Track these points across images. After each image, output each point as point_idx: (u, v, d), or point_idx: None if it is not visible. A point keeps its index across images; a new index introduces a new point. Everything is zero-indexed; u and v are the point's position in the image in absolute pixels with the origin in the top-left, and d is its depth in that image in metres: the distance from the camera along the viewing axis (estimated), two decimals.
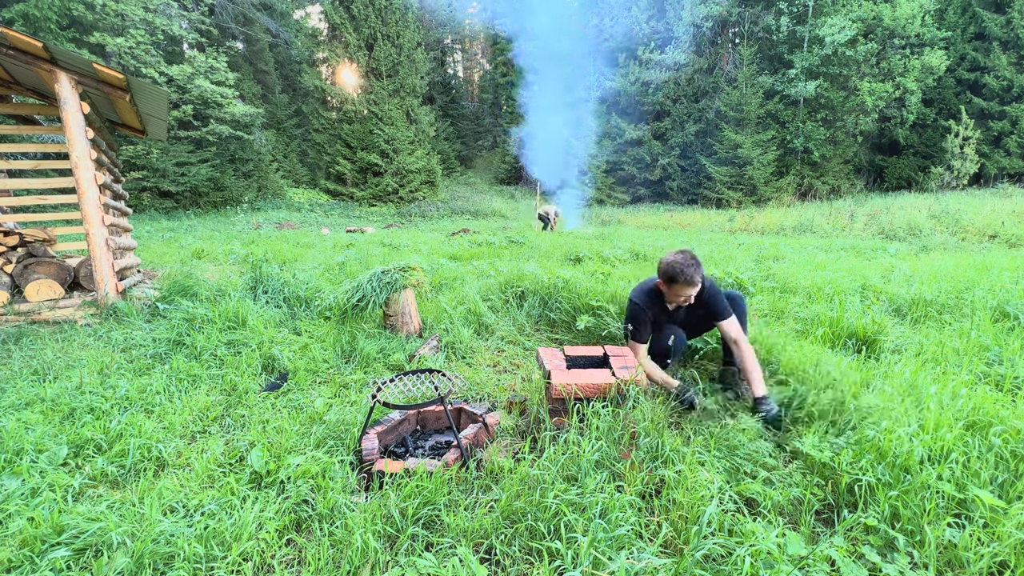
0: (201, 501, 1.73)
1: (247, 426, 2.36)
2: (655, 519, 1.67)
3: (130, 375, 2.87)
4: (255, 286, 4.28)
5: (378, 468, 1.85)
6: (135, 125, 5.91)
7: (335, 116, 25.24)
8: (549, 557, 1.46)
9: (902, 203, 15.22)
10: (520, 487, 1.69)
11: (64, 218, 5.43)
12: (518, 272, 4.59)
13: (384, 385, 2.20)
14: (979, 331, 3.11)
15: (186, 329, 3.42)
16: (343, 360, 3.21)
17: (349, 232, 13.88)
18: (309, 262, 6.70)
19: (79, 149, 4.18)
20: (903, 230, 11.38)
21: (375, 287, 3.59)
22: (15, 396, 2.58)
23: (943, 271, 5.19)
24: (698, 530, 1.45)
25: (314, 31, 27.09)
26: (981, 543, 1.43)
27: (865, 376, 2.39)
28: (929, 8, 19.97)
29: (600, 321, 3.53)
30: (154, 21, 16.78)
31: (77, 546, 1.50)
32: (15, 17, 14.07)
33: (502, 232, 11.80)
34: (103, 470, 1.93)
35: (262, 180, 21.91)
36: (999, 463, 1.68)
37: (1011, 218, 11.13)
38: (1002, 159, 19.10)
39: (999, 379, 2.54)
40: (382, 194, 23.70)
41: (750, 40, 22.33)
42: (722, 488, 1.77)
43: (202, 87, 17.72)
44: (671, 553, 1.53)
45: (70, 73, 4.08)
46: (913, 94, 20.10)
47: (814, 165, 21.77)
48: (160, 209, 17.94)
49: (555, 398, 2.08)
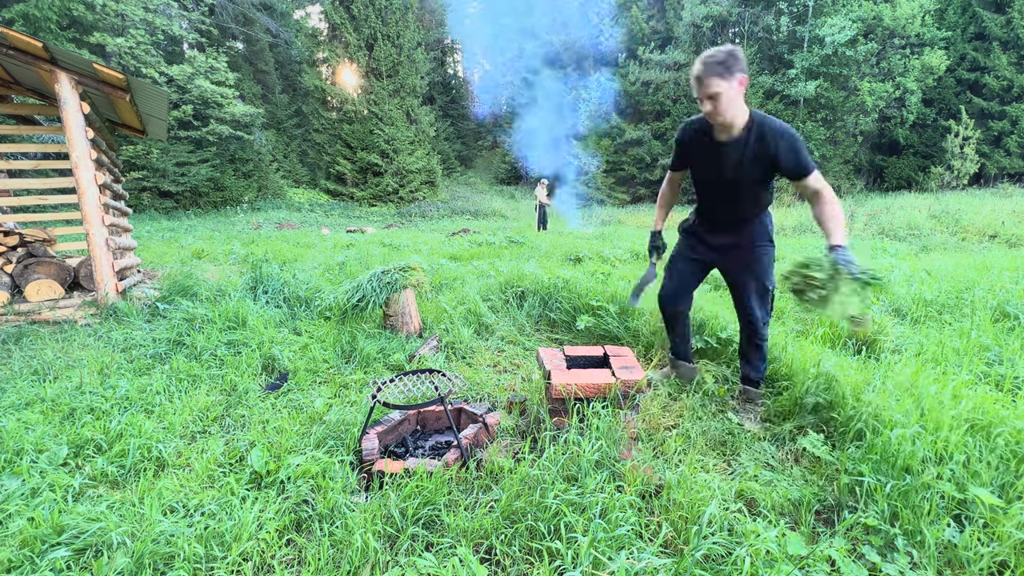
0: (201, 501, 1.73)
1: (247, 426, 2.36)
2: (655, 519, 1.67)
3: (130, 375, 2.87)
4: (255, 286, 4.28)
5: (378, 468, 1.85)
6: (135, 125, 5.91)
7: (335, 116, 25.23)
8: (549, 557, 1.46)
9: (902, 203, 15.22)
10: (520, 487, 1.69)
11: (64, 218, 5.43)
12: (518, 272, 4.59)
13: (384, 385, 2.20)
14: (979, 331, 3.11)
15: (186, 329, 3.42)
16: (343, 360, 3.21)
17: (349, 232, 13.87)
18: (309, 262, 6.70)
19: (79, 149, 4.18)
20: (903, 230, 11.38)
21: (375, 287, 3.59)
22: (15, 396, 2.58)
23: (943, 271, 5.19)
24: (698, 530, 1.45)
25: (314, 31, 27.04)
26: (981, 543, 1.43)
27: (866, 376, 2.39)
28: (929, 8, 19.95)
29: (600, 321, 3.52)
30: (154, 21, 16.77)
31: (77, 546, 1.50)
32: (15, 17, 14.06)
33: (502, 232, 11.80)
34: (103, 470, 1.93)
35: (262, 180, 21.90)
36: (999, 463, 1.68)
37: (1011, 218, 11.13)
38: (1002, 159, 19.09)
39: (999, 379, 2.54)
40: (382, 194, 23.69)
41: (750, 40, 22.33)
42: (722, 488, 1.77)
43: (202, 87, 17.71)
44: (671, 553, 1.53)
45: (70, 73, 4.08)
46: (913, 94, 20.09)
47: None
48: (160, 209, 17.94)
49: (555, 398, 2.08)
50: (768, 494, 1.75)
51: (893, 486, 1.61)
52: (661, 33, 24.88)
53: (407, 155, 23.68)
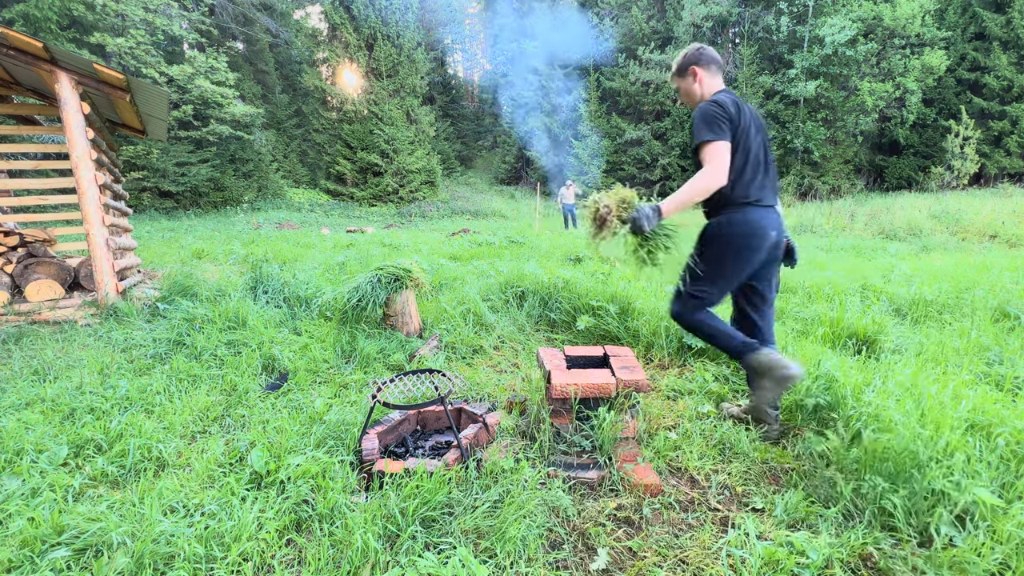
0: (201, 501, 1.73)
1: (247, 426, 2.36)
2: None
3: (130, 375, 2.87)
4: (255, 286, 4.28)
5: (378, 468, 1.85)
6: (135, 125, 5.91)
7: (335, 116, 25.23)
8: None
9: (902, 203, 15.22)
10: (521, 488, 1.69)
11: (64, 218, 5.43)
12: (518, 272, 4.59)
13: (384, 385, 2.20)
14: (979, 331, 3.11)
15: (186, 329, 3.42)
16: (343, 360, 3.21)
17: (349, 232, 13.87)
18: (309, 262, 6.70)
19: (79, 149, 4.18)
20: (903, 230, 11.38)
21: (375, 287, 3.59)
22: (15, 396, 2.58)
23: (943, 271, 5.19)
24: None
25: (314, 31, 27.06)
26: (982, 544, 1.43)
27: (866, 377, 2.39)
28: (929, 8, 19.94)
29: (600, 321, 3.52)
30: (154, 21, 16.76)
31: (77, 546, 1.50)
32: (15, 17, 14.06)
33: (502, 232, 11.79)
34: (103, 470, 1.93)
35: (262, 180, 21.89)
36: (999, 463, 1.68)
37: (1011, 218, 11.13)
38: (1002, 159, 19.08)
39: (999, 379, 2.54)
40: (382, 194, 23.68)
41: (750, 40, 22.32)
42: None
43: (202, 87, 17.70)
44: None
45: (70, 73, 4.09)
46: (913, 94, 20.08)
47: (814, 165, 21.75)
48: (160, 209, 17.93)
49: (555, 398, 2.08)
50: (771, 498, 1.75)
51: (896, 487, 1.61)
52: (661, 33, 24.86)
53: (407, 155, 23.68)
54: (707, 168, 1.97)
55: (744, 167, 2.05)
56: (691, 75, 2.20)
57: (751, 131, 2.07)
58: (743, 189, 2.07)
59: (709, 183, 1.96)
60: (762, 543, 1.44)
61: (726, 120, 1.99)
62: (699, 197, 2.01)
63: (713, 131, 1.97)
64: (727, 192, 2.06)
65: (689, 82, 2.22)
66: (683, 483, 1.90)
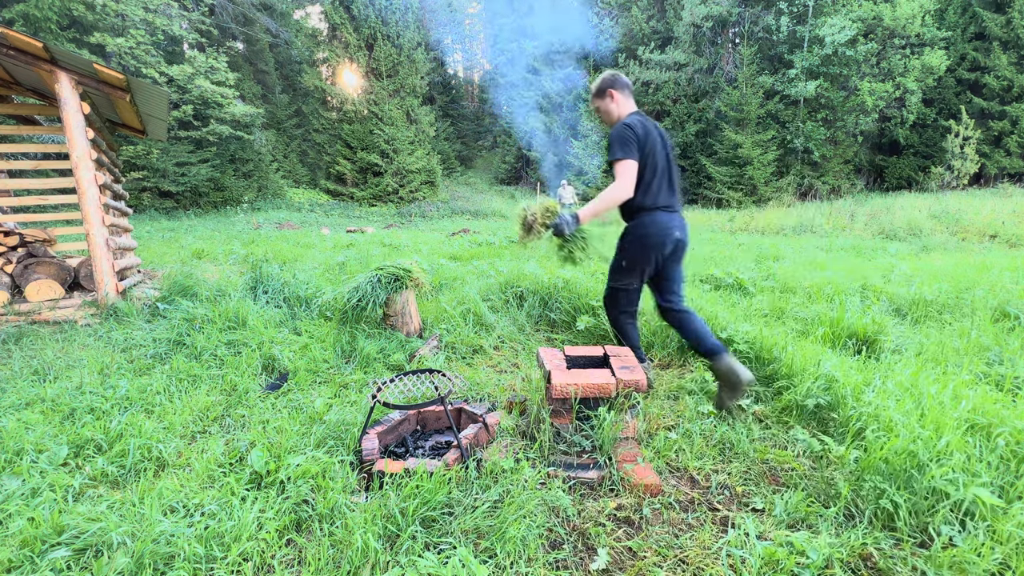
0: (201, 501, 1.73)
1: (247, 426, 2.36)
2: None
3: (130, 375, 2.87)
4: (255, 286, 4.28)
5: (378, 468, 1.85)
6: (135, 125, 5.91)
7: (335, 116, 25.23)
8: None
9: (902, 203, 15.21)
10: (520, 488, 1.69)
11: (64, 218, 5.43)
12: (518, 272, 4.59)
13: (384, 385, 2.20)
14: (979, 331, 3.11)
15: (186, 329, 3.42)
16: (343, 360, 3.21)
17: (349, 232, 13.88)
18: (309, 262, 6.70)
19: (79, 149, 4.18)
20: (903, 230, 11.38)
21: (375, 287, 3.59)
22: (15, 396, 2.58)
23: (943, 271, 5.19)
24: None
25: (314, 31, 27.06)
26: (982, 544, 1.43)
27: (866, 377, 2.39)
28: (929, 8, 19.94)
29: (600, 321, 3.52)
30: (154, 21, 16.77)
31: (77, 546, 1.50)
32: (15, 17, 14.06)
33: (502, 232, 11.79)
34: (103, 470, 1.93)
35: (262, 180, 21.89)
36: (999, 463, 1.68)
37: (1011, 218, 11.12)
38: (1002, 159, 19.09)
39: (999, 379, 2.54)
40: (382, 194, 23.69)
41: (750, 40, 22.32)
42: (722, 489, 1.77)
43: (202, 87, 17.71)
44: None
45: (70, 73, 4.09)
46: (913, 94, 20.08)
47: (814, 165, 21.75)
48: (160, 209, 17.93)
49: (555, 398, 2.08)
50: (771, 499, 1.75)
51: (897, 487, 1.61)
52: (661, 33, 24.86)
53: (407, 155, 23.68)
54: (617, 182, 2.34)
55: (652, 179, 2.41)
56: (608, 96, 2.54)
57: (657, 148, 2.41)
58: (651, 198, 2.43)
59: (618, 195, 2.35)
60: (762, 543, 1.44)
61: (635, 141, 2.34)
62: (611, 206, 2.40)
63: (624, 151, 2.33)
64: (638, 200, 2.44)
65: (607, 103, 2.56)
66: (683, 483, 1.90)
